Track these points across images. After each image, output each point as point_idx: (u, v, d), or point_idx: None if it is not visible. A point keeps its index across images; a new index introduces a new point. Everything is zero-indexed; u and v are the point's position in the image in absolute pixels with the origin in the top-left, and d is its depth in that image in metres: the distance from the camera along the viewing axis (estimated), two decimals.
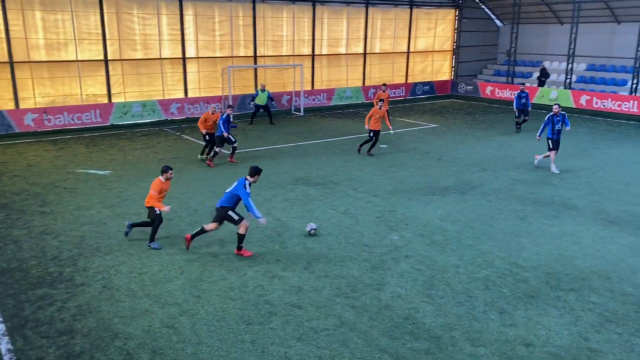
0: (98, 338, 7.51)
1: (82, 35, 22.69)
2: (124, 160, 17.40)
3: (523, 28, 34.66)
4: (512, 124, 24.18)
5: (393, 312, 8.19)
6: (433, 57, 35.39)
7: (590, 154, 18.69)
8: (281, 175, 15.68)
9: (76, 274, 9.44)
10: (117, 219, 12.09)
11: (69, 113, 22.34)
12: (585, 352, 7.24)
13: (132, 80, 24.35)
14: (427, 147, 19.76)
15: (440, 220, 12.09)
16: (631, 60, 29.82)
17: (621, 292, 8.86)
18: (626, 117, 26.47)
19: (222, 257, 10.13)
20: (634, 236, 11.25)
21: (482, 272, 9.55)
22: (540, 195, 13.96)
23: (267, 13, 27.33)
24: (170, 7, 24.53)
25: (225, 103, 25.33)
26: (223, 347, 7.32)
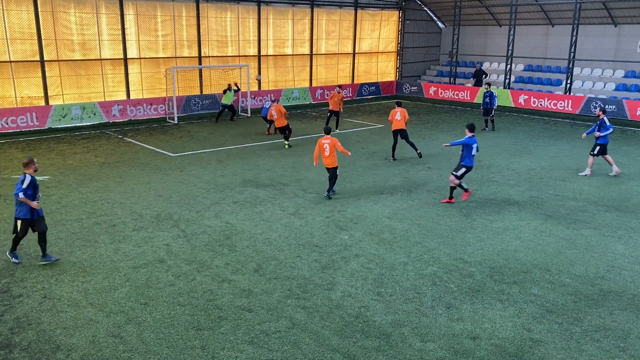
0: (39, 351, 7.18)
1: (15, 35, 21.68)
2: (64, 165, 16.74)
3: (464, 30, 35.74)
4: (455, 123, 24.95)
5: (344, 312, 8.24)
6: (378, 58, 35.92)
7: (530, 152, 19.45)
8: (229, 178, 15.50)
9: (13, 284, 9.00)
10: (57, 226, 11.61)
11: (2, 116, 21.28)
12: (528, 342, 7.51)
13: (71, 82, 23.48)
14: (374, 147, 20.01)
15: (388, 219, 12.27)
16: (565, 61, 31.25)
17: (560, 284, 9.25)
18: (562, 115, 27.71)
19: (169, 262, 9.90)
20: (570, 229, 11.78)
21: (429, 269, 9.75)
22: (483, 192, 14.40)
23: (211, 13, 26.97)
24: (110, 6, 23.80)
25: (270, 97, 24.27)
26: (172, 354, 7.15)
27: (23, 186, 9.32)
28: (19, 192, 9.29)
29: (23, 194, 9.31)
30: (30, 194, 9.43)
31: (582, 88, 30.60)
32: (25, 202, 9.38)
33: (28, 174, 9.50)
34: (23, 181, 9.39)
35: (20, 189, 9.30)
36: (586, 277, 9.51)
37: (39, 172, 15.77)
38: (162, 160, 17.50)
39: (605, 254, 10.51)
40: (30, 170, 9.57)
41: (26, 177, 9.44)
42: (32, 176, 9.53)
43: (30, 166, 9.57)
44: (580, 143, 20.93)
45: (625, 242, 11.08)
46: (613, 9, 29.05)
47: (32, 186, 9.46)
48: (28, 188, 9.38)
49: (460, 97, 32.51)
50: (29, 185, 9.39)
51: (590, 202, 13.68)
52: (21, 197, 9.30)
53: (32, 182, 9.45)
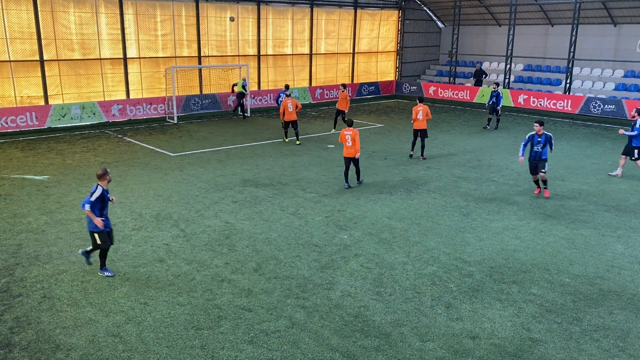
0: (38, 351, 7.18)
1: (14, 34, 21.66)
2: (63, 165, 16.74)
3: (464, 29, 35.75)
4: (455, 123, 25.00)
5: (343, 311, 8.25)
6: (377, 58, 35.92)
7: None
8: (229, 177, 15.51)
9: (13, 284, 9.00)
10: (56, 225, 11.61)
11: (1, 116, 21.28)
12: (527, 342, 7.52)
13: (70, 82, 23.47)
14: (373, 146, 20.02)
15: (388, 218, 12.27)
16: (564, 61, 31.26)
17: (560, 283, 9.26)
18: (561, 115, 27.71)
19: (168, 262, 9.91)
20: (570, 229, 11.79)
21: (428, 268, 9.76)
22: (482, 192, 14.41)
23: (210, 13, 26.96)
24: (109, 5, 23.79)
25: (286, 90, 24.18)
26: (172, 353, 7.16)
27: (91, 198, 8.74)
28: (85, 203, 8.70)
29: (90, 206, 8.71)
30: (98, 207, 8.85)
31: (581, 88, 30.60)
32: (90, 215, 8.78)
33: (100, 186, 8.89)
34: (93, 193, 8.80)
35: (88, 201, 8.71)
36: (585, 276, 9.52)
37: (39, 172, 15.79)
38: (161, 160, 17.50)
39: (604, 253, 10.52)
40: (104, 183, 8.94)
41: (97, 189, 8.84)
42: (103, 189, 8.89)
43: (104, 178, 8.95)
44: (580, 143, 20.95)
45: (624, 242, 11.09)
46: (613, 8, 29.05)
47: (101, 200, 8.86)
48: (97, 201, 8.79)
49: (460, 96, 32.52)
50: (98, 199, 8.79)
51: (589, 201, 13.69)
52: (86, 209, 8.71)
53: (102, 195, 8.83)
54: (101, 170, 9.02)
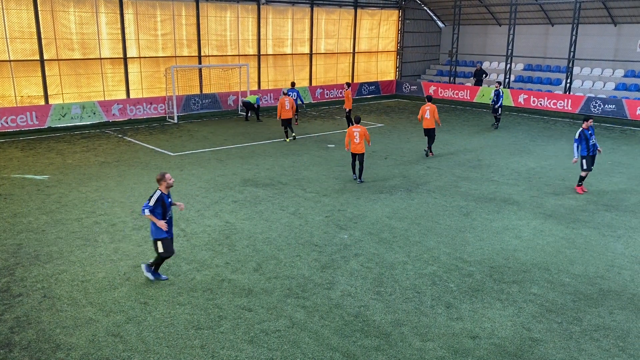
0: (38, 350, 7.18)
1: (14, 34, 21.66)
2: (64, 164, 16.74)
3: (464, 29, 35.73)
4: (455, 122, 25.06)
5: (343, 311, 8.25)
6: (378, 58, 35.91)
7: (529, 151, 19.45)
8: (229, 177, 15.51)
9: (13, 284, 9.00)
10: (56, 225, 11.61)
11: (2, 116, 21.28)
12: (527, 342, 7.52)
13: (70, 81, 23.46)
14: (374, 146, 20.00)
15: (388, 218, 12.27)
16: (564, 61, 31.25)
17: (560, 283, 9.26)
18: (561, 115, 27.71)
19: (169, 261, 9.90)
20: (570, 229, 11.79)
21: (429, 268, 9.76)
22: (482, 192, 14.41)
23: (210, 12, 26.95)
24: (109, 5, 23.78)
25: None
26: (172, 353, 7.16)
27: (150, 203, 8.60)
28: (145, 208, 8.58)
29: (149, 211, 8.57)
30: (159, 212, 8.69)
31: (581, 87, 30.58)
32: (152, 219, 8.64)
33: (159, 190, 8.73)
34: (151, 197, 8.69)
35: (147, 206, 8.60)
36: (586, 276, 9.52)
37: (39, 171, 15.79)
38: (162, 160, 17.50)
39: (604, 253, 10.52)
40: (162, 187, 8.77)
41: (155, 193, 8.70)
42: (162, 193, 8.73)
43: (162, 182, 8.79)
44: None
45: (624, 242, 11.09)
46: (613, 8, 29.04)
47: (161, 204, 8.69)
48: (156, 206, 8.64)
49: (460, 96, 32.51)
50: (157, 203, 8.63)
51: (589, 201, 13.69)
52: (146, 214, 8.57)
53: (160, 199, 8.66)
54: (159, 174, 8.84)
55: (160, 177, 8.80)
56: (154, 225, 8.75)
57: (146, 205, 8.63)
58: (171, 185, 8.87)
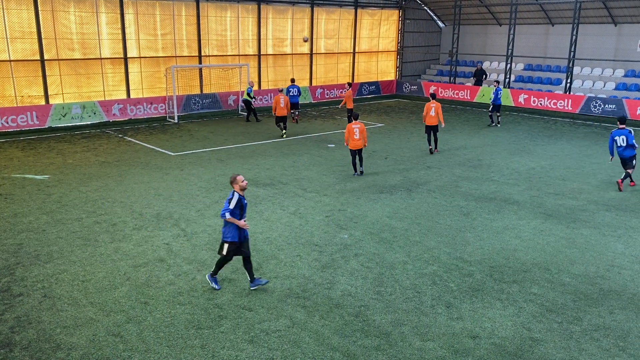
0: (39, 350, 7.19)
1: (15, 34, 21.67)
2: (64, 164, 16.75)
3: (464, 29, 35.73)
4: (455, 122, 25.08)
5: (344, 311, 8.25)
6: (378, 58, 35.90)
7: (529, 151, 19.45)
8: (229, 177, 15.50)
9: (13, 284, 9.01)
10: (57, 225, 11.62)
11: (2, 115, 21.29)
12: (527, 342, 7.52)
13: (70, 81, 23.47)
14: (374, 146, 20.01)
15: (388, 218, 12.27)
16: (565, 61, 31.25)
17: (560, 283, 9.26)
18: (561, 114, 27.70)
19: (169, 261, 9.91)
20: (570, 229, 11.79)
21: (429, 268, 9.76)
22: (482, 192, 14.41)
23: (210, 12, 26.96)
24: (109, 5, 23.79)
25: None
26: (172, 353, 7.16)
27: (230, 206, 8.45)
28: (225, 212, 8.45)
29: (230, 214, 8.45)
30: (237, 213, 8.57)
31: (582, 87, 30.58)
32: (233, 222, 8.50)
33: (236, 192, 8.62)
34: (230, 200, 8.54)
35: (227, 209, 8.44)
36: (586, 276, 9.52)
37: (39, 171, 15.80)
38: (162, 160, 17.51)
39: (605, 253, 10.52)
40: (237, 188, 8.67)
41: (234, 195, 8.57)
42: (240, 195, 8.63)
43: (234, 184, 8.68)
44: (580, 143, 20.95)
45: (625, 241, 11.09)
46: (613, 8, 29.03)
47: (239, 206, 8.58)
48: (235, 207, 8.52)
49: (461, 96, 32.51)
50: (237, 205, 8.52)
51: (590, 201, 13.69)
52: (228, 217, 8.44)
53: (239, 202, 8.55)
54: (232, 176, 8.76)
55: (232, 179, 8.68)
56: (226, 227, 8.59)
57: (226, 208, 8.44)
58: (244, 187, 8.69)
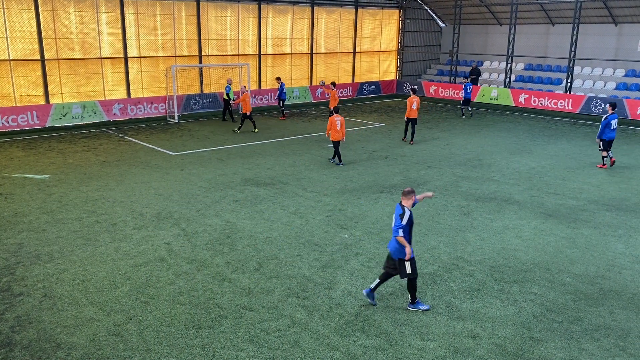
0: (39, 350, 7.19)
1: (15, 34, 21.66)
2: (64, 164, 16.75)
3: (464, 29, 35.71)
4: (456, 122, 25.10)
5: (344, 310, 8.25)
6: (379, 57, 35.89)
7: (530, 151, 19.44)
8: (230, 177, 15.51)
9: (14, 283, 9.01)
10: (57, 224, 11.62)
11: (2, 115, 21.29)
12: (528, 341, 7.52)
13: (70, 81, 23.46)
14: (374, 145, 20.01)
15: (389, 218, 12.26)
16: (565, 60, 31.23)
17: (560, 283, 9.26)
18: (562, 114, 27.69)
19: (169, 261, 9.91)
20: (570, 229, 11.78)
21: (429, 267, 9.76)
22: (483, 191, 14.40)
23: (211, 12, 26.95)
24: (110, 4, 23.78)
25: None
26: (172, 353, 7.16)
27: (403, 222, 7.88)
28: (398, 229, 7.87)
29: (402, 231, 7.88)
30: (407, 232, 8.03)
31: (582, 87, 30.57)
32: (402, 243, 7.90)
33: (407, 207, 8.03)
34: (402, 215, 7.93)
35: (400, 225, 7.87)
36: (586, 276, 9.52)
37: (40, 171, 15.80)
38: (162, 159, 17.51)
39: (605, 253, 10.52)
40: (409, 202, 8.09)
41: (405, 211, 7.96)
42: (410, 210, 8.07)
43: (410, 197, 8.09)
44: (581, 142, 20.94)
45: (625, 241, 11.08)
46: (613, 7, 29.02)
47: (410, 222, 8.03)
48: (407, 224, 7.96)
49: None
50: (408, 221, 7.97)
51: (590, 201, 13.68)
52: (400, 235, 7.87)
53: (410, 217, 8.00)
54: (408, 189, 8.19)
55: (410, 191, 8.11)
56: (400, 244, 8.00)
57: (399, 224, 7.89)
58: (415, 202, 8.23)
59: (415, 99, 20.19)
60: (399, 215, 7.94)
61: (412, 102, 20.09)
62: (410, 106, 20.07)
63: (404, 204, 8.09)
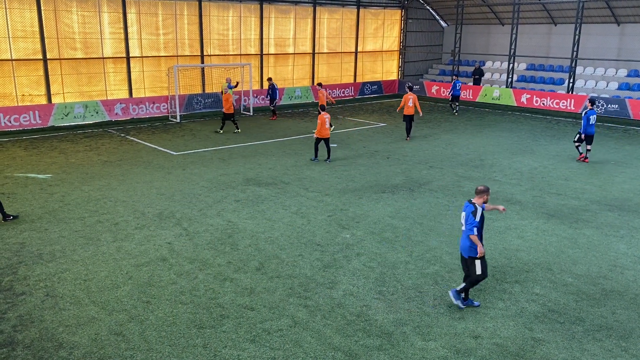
0: (41, 349, 7.20)
1: (17, 33, 21.70)
2: (66, 163, 16.77)
3: (466, 29, 35.69)
4: (458, 122, 25.06)
5: (345, 310, 8.25)
6: (382, 57, 35.88)
7: (532, 151, 19.42)
8: (231, 176, 15.52)
9: (16, 282, 9.03)
10: (59, 224, 11.64)
11: (5, 115, 21.33)
12: (530, 342, 7.51)
13: (72, 80, 23.49)
14: (376, 146, 20.01)
15: (390, 218, 12.26)
16: (567, 60, 31.19)
17: (562, 283, 9.24)
18: (564, 114, 27.65)
19: (171, 260, 9.92)
20: (573, 229, 11.77)
21: (431, 268, 9.75)
22: None
23: (213, 12, 26.97)
24: (112, 4, 23.81)
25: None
26: (174, 352, 7.17)
27: (476, 219, 7.75)
28: (473, 227, 7.72)
29: (477, 231, 7.76)
30: (480, 231, 7.94)
31: (584, 87, 30.52)
32: (475, 242, 7.78)
33: (479, 206, 7.91)
34: (474, 212, 7.79)
35: (475, 224, 7.73)
36: (588, 276, 9.50)
37: (42, 170, 15.82)
38: (164, 159, 17.52)
39: (607, 253, 10.50)
40: (481, 201, 7.95)
41: (477, 208, 7.85)
42: (482, 208, 7.93)
43: (482, 195, 7.94)
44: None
45: (627, 242, 11.06)
46: (616, 7, 28.97)
47: (482, 221, 7.91)
48: (480, 221, 7.84)
49: (463, 96, 32.44)
50: (481, 219, 7.85)
51: (592, 201, 13.66)
52: (473, 235, 7.74)
53: (482, 215, 7.88)
54: (483, 187, 8.00)
55: (483, 190, 7.97)
56: (471, 242, 7.89)
57: (473, 222, 7.76)
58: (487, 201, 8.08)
59: (412, 96, 20.76)
60: (471, 212, 7.80)
61: (408, 99, 20.69)
62: (407, 103, 20.69)
63: (475, 201, 7.97)
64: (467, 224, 7.83)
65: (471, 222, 7.78)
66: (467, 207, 7.98)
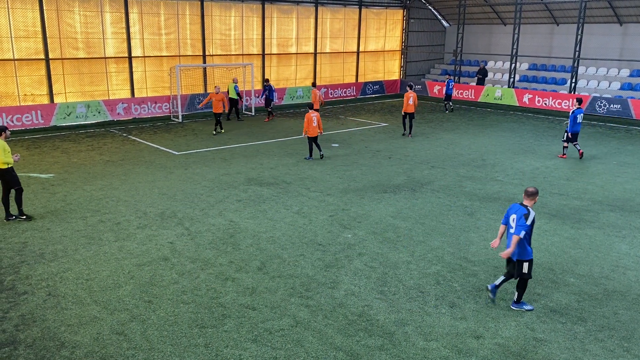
0: (43, 348, 7.21)
1: (19, 33, 21.74)
2: (68, 163, 16.80)
3: (468, 28, 35.66)
4: (460, 122, 25.01)
5: (347, 310, 8.25)
6: (383, 57, 35.87)
7: (534, 151, 19.39)
8: (233, 176, 15.53)
9: (18, 282, 9.04)
10: (61, 223, 11.66)
11: (7, 114, 21.37)
12: (531, 342, 7.50)
13: (74, 80, 23.52)
14: (377, 145, 20.01)
15: (392, 218, 12.26)
16: (570, 60, 31.14)
17: (564, 283, 9.23)
18: (566, 114, 27.57)
19: (173, 260, 9.93)
20: (574, 229, 11.75)
21: (432, 268, 9.75)
22: (487, 191, 14.37)
23: (215, 12, 26.99)
24: (114, 4, 23.85)
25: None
26: (176, 352, 7.18)
27: (527, 222, 7.74)
28: (523, 229, 7.73)
29: (525, 233, 7.77)
30: (529, 234, 7.92)
31: (587, 87, 30.48)
32: (515, 245, 7.82)
33: (530, 207, 7.89)
34: (526, 215, 7.76)
35: (525, 227, 7.73)
36: (590, 276, 9.49)
37: (44, 170, 15.85)
38: (166, 159, 17.54)
39: (609, 253, 10.48)
40: (531, 203, 7.94)
41: (530, 212, 7.81)
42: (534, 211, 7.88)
43: (533, 198, 7.93)
44: (585, 142, 20.86)
45: (629, 242, 11.04)
46: (618, 7, 28.92)
47: (532, 224, 7.88)
48: (531, 225, 7.85)
49: (465, 96, 32.44)
50: (532, 224, 7.84)
51: (594, 201, 13.64)
52: (521, 235, 7.74)
53: (534, 220, 7.85)
54: (534, 188, 7.99)
55: (532, 192, 7.93)
56: (520, 245, 7.94)
57: (524, 225, 7.77)
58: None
59: (412, 95, 21.15)
60: (522, 215, 7.78)
61: (408, 98, 21.08)
62: (407, 101, 21.07)
63: (526, 203, 7.94)
64: (517, 226, 7.81)
65: (522, 224, 7.76)
66: (519, 209, 7.91)
